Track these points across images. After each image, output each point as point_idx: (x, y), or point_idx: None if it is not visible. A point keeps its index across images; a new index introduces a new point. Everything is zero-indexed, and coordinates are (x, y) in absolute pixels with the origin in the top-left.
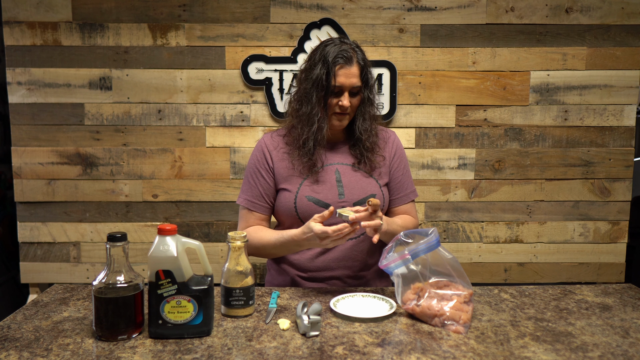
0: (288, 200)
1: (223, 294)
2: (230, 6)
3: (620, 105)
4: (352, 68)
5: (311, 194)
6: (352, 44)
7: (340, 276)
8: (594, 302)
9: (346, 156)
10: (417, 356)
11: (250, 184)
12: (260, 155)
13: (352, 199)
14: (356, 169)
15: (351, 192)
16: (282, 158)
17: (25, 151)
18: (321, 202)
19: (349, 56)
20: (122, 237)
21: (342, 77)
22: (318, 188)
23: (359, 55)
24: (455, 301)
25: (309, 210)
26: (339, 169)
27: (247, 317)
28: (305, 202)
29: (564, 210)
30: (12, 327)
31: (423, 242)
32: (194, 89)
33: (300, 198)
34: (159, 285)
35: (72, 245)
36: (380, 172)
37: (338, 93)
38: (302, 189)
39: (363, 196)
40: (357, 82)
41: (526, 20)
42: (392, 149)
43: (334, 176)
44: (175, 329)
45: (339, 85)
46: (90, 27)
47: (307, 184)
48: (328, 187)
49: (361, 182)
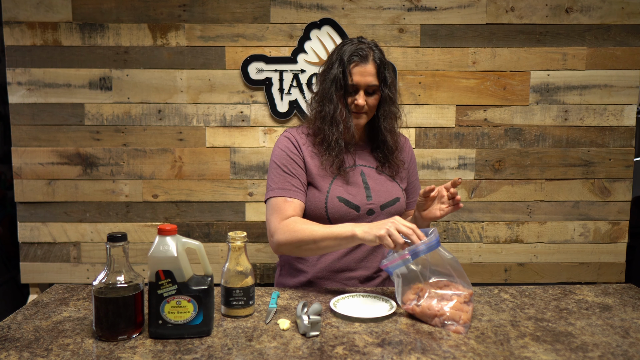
0: (318, 199)
1: (223, 294)
2: (230, 6)
3: (621, 105)
4: (367, 66)
5: (342, 194)
6: (370, 43)
7: (359, 277)
8: (594, 302)
9: (369, 159)
10: (417, 356)
11: (284, 173)
12: (290, 146)
13: (379, 201)
14: (380, 172)
15: (377, 194)
16: (311, 156)
17: (26, 151)
18: (351, 204)
19: (365, 54)
20: (122, 237)
21: (358, 76)
22: (347, 189)
23: (375, 54)
24: (456, 301)
25: (339, 211)
26: (364, 171)
27: (247, 317)
28: (337, 203)
29: (564, 210)
30: (12, 327)
31: (423, 242)
32: (194, 89)
33: (332, 198)
34: (159, 285)
35: (72, 246)
36: (401, 177)
37: (354, 92)
38: (333, 189)
39: (389, 199)
40: (373, 80)
41: (526, 20)
42: (408, 154)
43: (360, 178)
44: (175, 329)
45: (354, 84)
46: (90, 27)
47: (337, 183)
48: (357, 188)
49: (386, 185)
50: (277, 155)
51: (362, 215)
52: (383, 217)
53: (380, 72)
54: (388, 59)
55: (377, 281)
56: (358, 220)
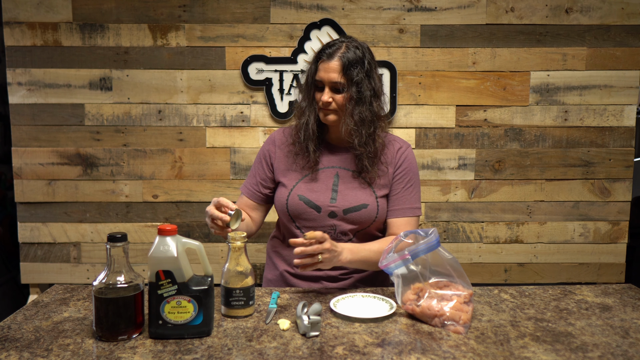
0: (282, 196)
1: (223, 295)
2: (230, 7)
3: (620, 105)
4: (331, 63)
5: (305, 193)
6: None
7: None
8: (594, 303)
9: (349, 162)
10: (417, 356)
11: (251, 172)
12: (266, 147)
13: (343, 205)
14: (356, 177)
15: (344, 198)
16: (287, 154)
17: (26, 152)
18: (311, 203)
19: (332, 52)
20: (122, 238)
21: (322, 72)
22: (313, 188)
23: (347, 52)
24: (455, 301)
25: (298, 209)
26: (340, 173)
27: (247, 318)
28: (297, 201)
29: (564, 211)
30: (13, 327)
31: (423, 243)
32: (194, 89)
33: (293, 195)
34: (159, 285)
35: (72, 246)
36: (381, 184)
37: (321, 88)
38: (298, 187)
39: (354, 204)
40: (337, 77)
41: (526, 20)
42: (398, 160)
43: (332, 180)
44: (176, 329)
45: (319, 80)
46: (91, 28)
47: (304, 182)
48: (323, 189)
49: (356, 190)
50: (258, 153)
51: (323, 217)
52: (346, 221)
53: (346, 70)
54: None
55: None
56: (319, 221)
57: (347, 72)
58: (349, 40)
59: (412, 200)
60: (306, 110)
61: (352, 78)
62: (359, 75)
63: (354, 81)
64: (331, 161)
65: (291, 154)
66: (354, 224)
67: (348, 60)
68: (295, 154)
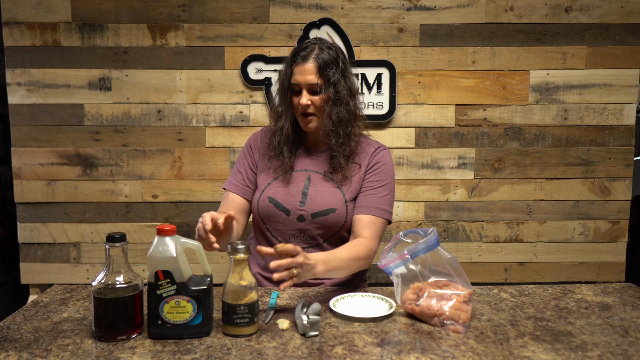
0: (255, 196)
1: (225, 312)
2: (229, 6)
3: (620, 104)
4: (306, 65)
5: (275, 195)
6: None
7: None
8: (594, 302)
9: (323, 164)
10: (417, 356)
11: (235, 169)
12: (248, 144)
13: (312, 209)
14: (327, 179)
15: (313, 202)
16: (265, 154)
17: (25, 152)
18: (281, 206)
19: (306, 54)
20: (121, 238)
21: (298, 75)
22: (284, 191)
23: (321, 53)
24: (455, 301)
25: (267, 211)
26: (312, 176)
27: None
28: (267, 203)
29: (564, 210)
30: (12, 327)
31: (422, 242)
32: (193, 89)
33: (264, 197)
34: (158, 285)
35: (72, 246)
36: (351, 185)
37: (298, 92)
38: (268, 189)
39: (323, 208)
40: (314, 79)
41: (525, 19)
42: (372, 160)
43: (303, 183)
44: (175, 329)
45: (295, 83)
46: (90, 28)
47: (275, 184)
48: (293, 192)
49: (326, 194)
50: (240, 151)
51: (292, 220)
52: (314, 225)
53: (323, 71)
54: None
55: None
56: (289, 224)
57: (323, 73)
58: (321, 41)
59: (380, 200)
60: (282, 115)
61: (328, 79)
62: (335, 75)
63: (331, 82)
64: (305, 164)
65: (266, 155)
66: (322, 228)
67: (323, 61)
68: (270, 156)
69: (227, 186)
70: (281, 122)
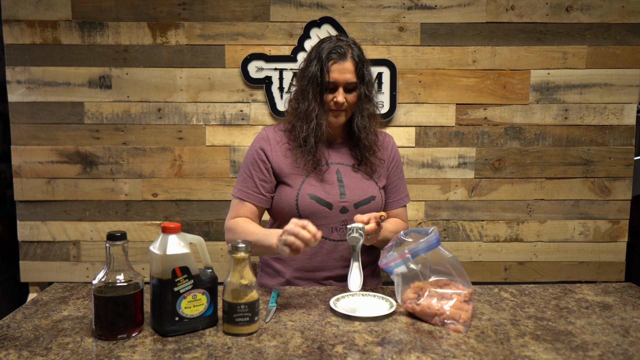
0: (289, 197)
1: (226, 310)
2: (230, 5)
3: (621, 104)
4: (345, 63)
5: (313, 191)
6: (349, 40)
7: (336, 276)
8: (594, 301)
9: (347, 157)
10: (417, 355)
11: (246, 174)
12: (260, 147)
13: (353, 199)
14: (356, 170)
15: (352, 192)
16: (285, 154)
17: (25, 150)
18: (322, 201)
19: (343, 52)
20: (122, 236)
21: (336, 73)
22: (320, 186)
23: (354, 51)
24: (455, 300)
25: (310, 208)
26: (340, 169)
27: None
28: (307, 200)
29: (564, 209)
30: (12, 326)
31: (423, 241)
32: (193, 87)
33: (303, 195)
34: (175, 282)
35: (71, 244)
36: (380, 175)
37: (333, 89)
38: (305, 186)
39: (364, 197)
40: (352, 77)
41: (526, 18)
42: (390, 153)
43: (335, 176)
44: (191, 323)
45: (332, 81)
46: (90, 26)
47: (309, 181)
48: (330, 186)
49: (362, 183)
50: (247, 155)
51: (334, 213)
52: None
53: (359, 70)
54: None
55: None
56: (331, 218)
57: (359, 72)
58: (346, 39)
59: (405, 189)
60: (312, 114)
61: (363, 77)
62: (368, 73)
63: (365, 80)
64: (330, 158)
65: (289, 154)
66: None
67: (359, 60)
68: (295, 154)
69: (239, 194)
70: (315, 121)
